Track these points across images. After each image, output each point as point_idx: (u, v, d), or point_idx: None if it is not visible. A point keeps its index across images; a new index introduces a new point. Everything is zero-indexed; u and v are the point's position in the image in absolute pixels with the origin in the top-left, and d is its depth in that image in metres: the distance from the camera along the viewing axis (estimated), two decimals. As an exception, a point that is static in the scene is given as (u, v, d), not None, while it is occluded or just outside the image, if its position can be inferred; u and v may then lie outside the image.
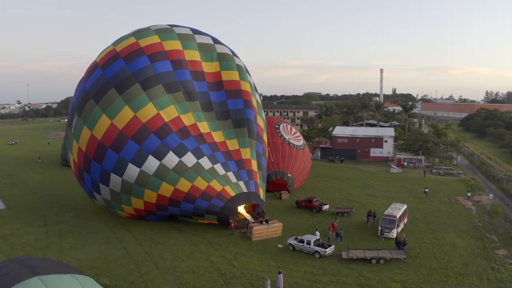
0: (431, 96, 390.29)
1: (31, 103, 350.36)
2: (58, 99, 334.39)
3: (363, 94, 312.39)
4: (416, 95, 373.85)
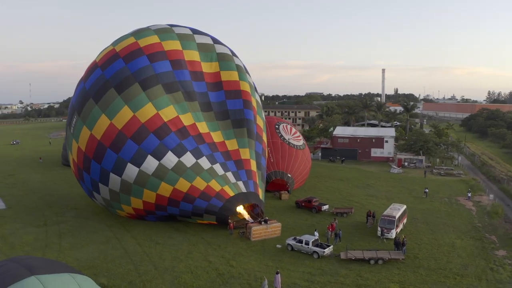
0: (433, 96, 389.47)
1: (33, 103, 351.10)
2: (60, 99, 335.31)
3: (365, 94, 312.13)
4: (418, 95, 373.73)
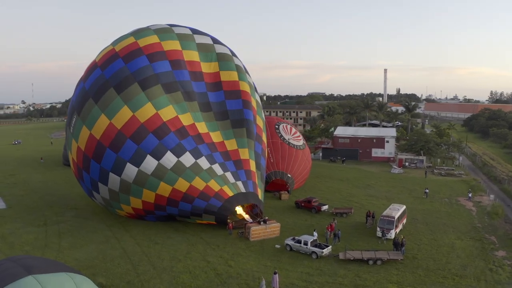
0: (436, 96, 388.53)
1: (35, 103, 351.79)
2: (63, 99, 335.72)
3: (367, 94, 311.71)
4: (420, 95, 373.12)
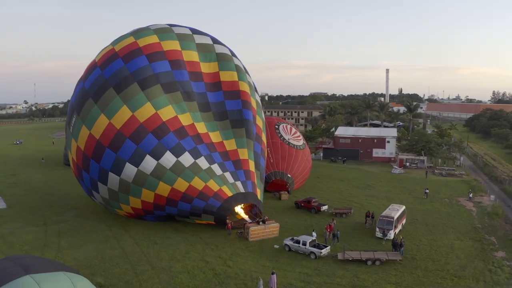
0: (438, 96, 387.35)
1: (37, 103, 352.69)
2: (65, 99, 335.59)
3: (369, 94, 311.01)
4: (423, 95, 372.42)
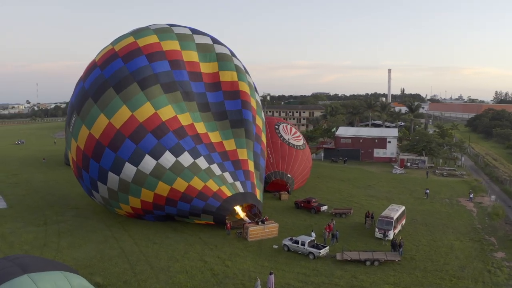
0: (440, 96, 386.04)
1: (40, 103, 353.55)
2: (67, 99, 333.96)
3: (371, 95, 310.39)
4: (425, 95, 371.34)
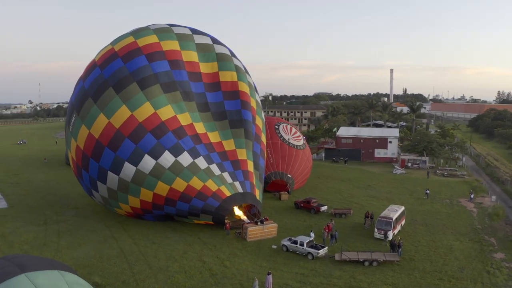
0: (443, 96, 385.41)
1: (42, 103, 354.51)
2: (69, 99, 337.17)
3: (373, 95, 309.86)
4: (427, 95, 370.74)
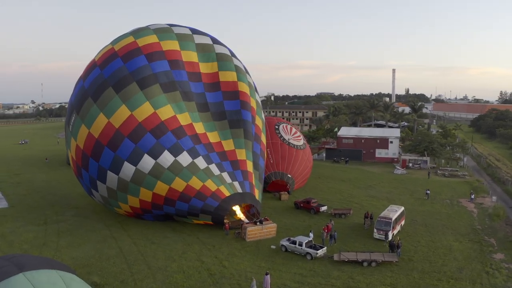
0: (445, 97, 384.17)
1: (45, 103, 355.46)
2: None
3: (375, 95, 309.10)
4: (430, 95, 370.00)
